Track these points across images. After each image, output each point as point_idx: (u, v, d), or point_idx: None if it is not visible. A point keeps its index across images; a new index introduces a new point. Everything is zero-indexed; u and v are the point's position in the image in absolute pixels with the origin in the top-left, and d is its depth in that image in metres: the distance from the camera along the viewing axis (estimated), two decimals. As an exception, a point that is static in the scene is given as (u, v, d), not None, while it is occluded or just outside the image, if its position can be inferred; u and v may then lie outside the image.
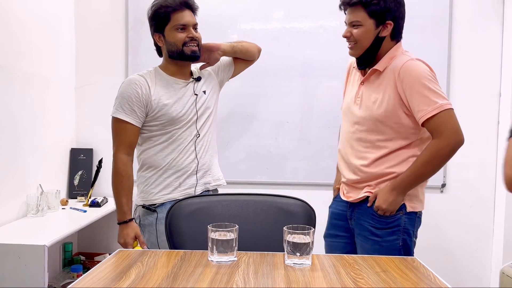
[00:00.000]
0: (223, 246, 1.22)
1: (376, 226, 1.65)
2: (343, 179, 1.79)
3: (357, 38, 1.60)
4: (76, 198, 2.67)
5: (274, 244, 1.38)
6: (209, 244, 1.23)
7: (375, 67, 1.62)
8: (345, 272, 1.18)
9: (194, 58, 1.79)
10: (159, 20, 1.75)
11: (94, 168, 2.68)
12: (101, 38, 2.76)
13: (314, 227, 1.47)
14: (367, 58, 1.64)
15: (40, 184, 2.40)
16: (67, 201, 2.57)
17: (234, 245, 1.24)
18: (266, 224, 1.50)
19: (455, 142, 1.52)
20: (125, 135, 1.78)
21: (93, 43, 2.77)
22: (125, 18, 2.73)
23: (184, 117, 1.78)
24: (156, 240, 1.76)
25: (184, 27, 1.74)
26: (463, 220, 2.68)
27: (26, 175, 2.30)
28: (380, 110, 1.59)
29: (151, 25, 1.80)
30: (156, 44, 1.83)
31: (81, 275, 2.16)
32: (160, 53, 1.86)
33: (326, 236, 1.85)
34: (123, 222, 1.76)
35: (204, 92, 1.86)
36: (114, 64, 2.76)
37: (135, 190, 1.91)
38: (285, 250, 1.23)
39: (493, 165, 2.66)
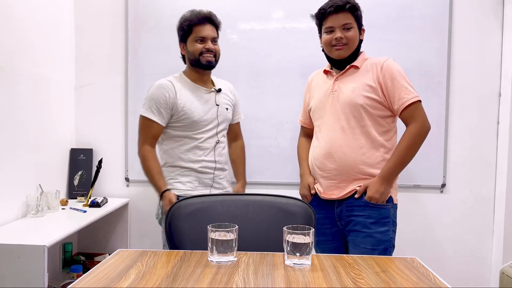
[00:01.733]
0: (223, 246, 1.22)
1: (369, 217, 1.76)
2: (323, 175, 1.85)
3: (350, 39, 1.80)
4: (76, 198, 2.67)
5: (274, 244, 1.38)
6: (209, 244, 1.23)
7: (354, 63, 1.83)
8: (345, 272, 1.18)
9: (209, 67, 2.04)
10: (183, 32, 2.01)
11: (94, 168, 2.68)
12: (101, 38, 2.76)
13: (314, 227, 1.47)
14: (351, 59, 1.84)
15: (40, 184, 2.40)
16: (67, 201, 2.57)
17: (234, 245, 1.24)
18: (266, 224, 1.50)
19: (427, 127, 1.78)
20: (150, 132, 2.00)
21: (93, 43, 2.77)
22: (125, 18, 2.73)
23: (206, 122, 2.02)
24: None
25: (203, 39, 1.99)
26: (463, 220, 2.68)
27: (26, 175, 2.30)
28: (361, 97, 1.78)
29: (178, 35, 2.06)
30: (181, 53, 2.09)
31: (81, 275, 2.16)
32: (185, 60, 2.10)
33: (320, 243, 1.90)
34: (163, 193, 1.97)
35: (227, 109, 2.13)
36: (114, 64, 2.76)
37: (136, 188, 1.97)
38: (285, 250, 1.23)
39: (493, 165, 2.66)
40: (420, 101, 1.78)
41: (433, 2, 2.61)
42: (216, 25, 2.04)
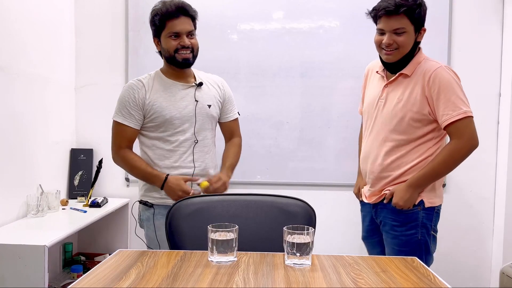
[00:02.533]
0: (223, 247, 1.22)
1: (396, 221, 1.75)
2: (365, 180, 1.87)
3: (401, 45, 1.66)
4: (76, 198, 2.67)
5: (274, 244, 1.37)
6: (209, 244, 1.23)
7: (403, 71, 1.71)
8: (345, 272, 1.18)
9: (186, 65, 1.83)
10: (155, 26, 1.80)
11: (94, 169, 2.68)
12: (101, 38, 2.76)
13: (314, 228, 1.47)
14: (403, 63, 1.71)
15: (40, 184, 2.40)
16: (67, 201, 2.56)
17: (234, 245, 1.24)
18: (266, 224, 1.50)
19: (471, 144, 1.68)
20: (124, 137, 1.84)
21: (93, 43, 2.77)
22: (125, 18, 2.73)
23: (180, 121, 1.82)
24: (154, 234, 1.82)
25: (177, 34, 1.77)
26: (463, 220, 2.68)
27: (26, 175, 2.30)
28: (406, 111, 1.68)
29: (151, 29, 1.85)
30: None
31: (81, 275, 2.16)
32: (161, 56, 1.90)
33: (364, 238, 1.98)
34: (164, 182, 1.78)
35: (209, 106, 1.90)
36: (114, 64, 2.76)
37: (136, 188, 1.95)
38: (285, 250, 1.23)
39: (493, 165, 2.66)
40: (469, 117, 1.65)
41: (433, 2, 2.60)
42: (191, 16, 1.80)
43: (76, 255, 2.72)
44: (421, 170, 1.70)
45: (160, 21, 1.76)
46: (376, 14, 1.68)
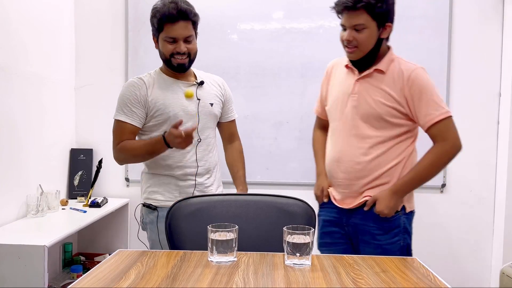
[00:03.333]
0: (223, 247, 1.22)
1: (380, 229, 1.66)
2: (336, 182, 1.75)
3: (361, 42, 1.60)
4: (76, 198, 2.67)
5: (274, 244, 1.37)
6: (209, 244, 1.23)
7: (378, 67, 1.64)
8: (345, 272, 1.18)
9: (181, 70, 1.79)
10: (153, 26, 1.76)
11: (94, 168, 2.68)
12: (101, 38, 2.76)
13: (314, 228, 1.47)
14: (367, 61, 1.65)
15: (40, 185, 2.40)
16: (67, 201, 2.56)
17: (234, 245, 1.24)
18: (266, 224, 1.50)
19: (458, 146, 1.61)
20: (125, 134, 1.79)
21: (93, 43, 2.77)
22: (125, 18, 2.73)
23: (184, 119, 1.74)
24: (158, 237, 1.78)
25: (174, 40, 1.72)
26: (463, 220, 2.68)
27: (26, 175, 2.30)
28: (384, 107, 1.62)
29: (151, 27, 1.80)
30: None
31: (81, 275, 2.16)
32: None
33: (322, 245, 1.82)
34: (165, 142, 1.67)
35: (211, 104, 1.87)
36: (114, 64, 2.76)
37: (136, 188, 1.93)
38: (285, 250, 1.23)
39: (493, 165, 2.66)
40: (450, 116, 1.59)
41: (433, 2, 2.61)
42: (191, 20, 1.73)
43: (76, 255, 2.72)
44: (405, 175, 1.63)
45: (159, 23, 1.71)
46: (337, 10, 1.63)
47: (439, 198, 2.68)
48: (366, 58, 1.64)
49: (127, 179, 2.78)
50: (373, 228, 1.66)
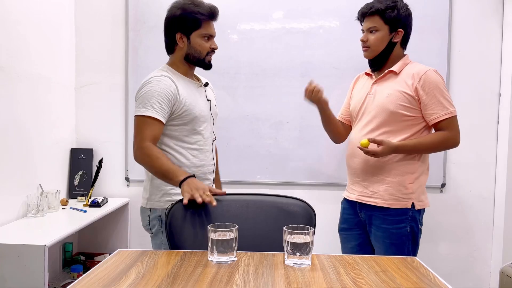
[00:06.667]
0: (223, 246, 1.23)
1: (386, 217, 1.85)
2: (350, 172, 1.97)
3: (372, 43, 1.86)
4: (76, 198, 2.67)
5: (274, 244, 1.38)
6: (209, 244, 1.23)
7: (392, 68, 1.87)
8: (344, 272, 1.18)
9: (210, 67, 1.86)
10: (187, 23, 1.77)
11: (94, 168, 2.68)
12: (101, 38, 2.76)
13: (314, 227, 1.47)
14: (380, 60, 1.89)
15: (40, 184, 2.40)
16: (67, 201, 2.57)
17: (234, 245, 1.24)
18: (266, 224, 1.50)
19: (457, 141, 1.86)
20: (152, 130, 1.71)
21: (93, 43, 2.77)
22: (125, 18, 2.73)
23: (204, 119, 1.84)
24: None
25: (210, 37, 1.82)
26: (463, 220, 2.68)
27: (26, 175, 2.30)
28: (391, 101, 1.83)
29: (172, 22, 1.80)
30: (169, 41, 1.83)
31: (81, 275, 2.16)
32: (170, 51, 1.86)
33: (341, 230, 2.04)
34: (189, 176, 1.62)
35: (215, 105, 1.97)
36: (114, 64, 2.76)
37: (136, 188, 1.90)
38: (285, 250, 1.23)
39: (493, 165, 2.66)
40: (455, 116, 1.82)
41: (433, 2, 2.61)
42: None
43: (76, 255, 2.72)
44: (411, 140, 1.82)
45: (195, 21, 1.76)
46: (358, 17, 1.91)
47: (439, 198, 2.68)
48: (379, 58, 1.88)
49: (127, 179, 2.78)
50: (380, 215, 1.86)
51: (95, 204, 2.48)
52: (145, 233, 1.89)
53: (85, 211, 2.38)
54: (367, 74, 2.00)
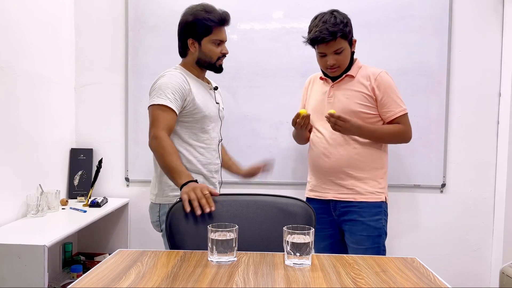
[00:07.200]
0: (223, 246, 1.22)
1: (363, 210, 1.94)
2: (320, 172, 2.04)
3: (342, 62, 1.93)
4: (76, 198, 2.67)
5: (274, 244, 1.38)
6: (209, 244, 1.23)
7: (350, 73, 1.98)
8: (345, 272, 1.18)
9: (221, 70, 1.96)
10: (198, 29, 1.85)
11: (94, 168, 2.68)
12: (101, 38, 2.76)
13: (314, 227, 1.47)
14: (344, 72, 1.98)
15: (40, 184, 2.40)
16: (67, 201, 2.57)
17: (234, 245, 1.24)
18: (266, 224, 1.50)
19: (410, 137, 2.02)
20: (166, 120, 1.75)
21: (93, 43, 2.77)
22: (125, 18, 2.73)
23: (212, 119, 1.92)
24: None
25: (220, 43, 1.90)
26: (463, 220, 2.68)
27: (26, 175, 2.30)
28: (352, 102, 1.95)
29: (184, 28, 1.88)
30: (182, 46, 1.91)
31: (81, 275, 2.16)
32: (183, 54, 1.94)
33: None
34: (192, 180, 1.62)
35: (223, 108, 2.06)
36: (114, 64, 2.76)
37: (136, 188, 1.91)
38: (285, 250, 1.23)
39: (493, 165, 2.66)
40: (407, 113, 1.98)
41: (433, 2, 2.61)
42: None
43: (76, 255, 2.72)
44: (372, 125, 1.95)
45: (207, 26, 1.84)
46: (314, 42, 1.91)
47: (439, 198, 2.68)
48: (344, 71, 1.98)
49: (127, 179, 2.78)
50: (356, 210, 1.94)
51: (95, 204, 2.47)
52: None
53: (85, 211, 2.38)
54: (321, 78, 2.07)
